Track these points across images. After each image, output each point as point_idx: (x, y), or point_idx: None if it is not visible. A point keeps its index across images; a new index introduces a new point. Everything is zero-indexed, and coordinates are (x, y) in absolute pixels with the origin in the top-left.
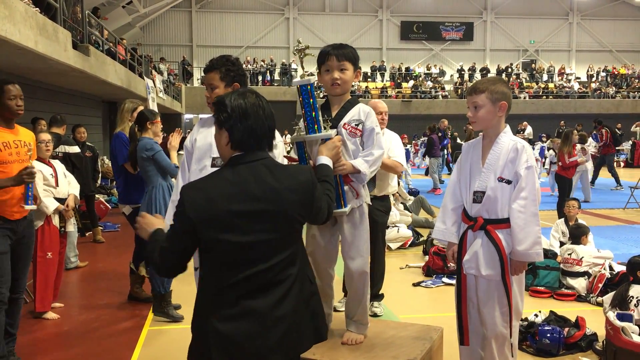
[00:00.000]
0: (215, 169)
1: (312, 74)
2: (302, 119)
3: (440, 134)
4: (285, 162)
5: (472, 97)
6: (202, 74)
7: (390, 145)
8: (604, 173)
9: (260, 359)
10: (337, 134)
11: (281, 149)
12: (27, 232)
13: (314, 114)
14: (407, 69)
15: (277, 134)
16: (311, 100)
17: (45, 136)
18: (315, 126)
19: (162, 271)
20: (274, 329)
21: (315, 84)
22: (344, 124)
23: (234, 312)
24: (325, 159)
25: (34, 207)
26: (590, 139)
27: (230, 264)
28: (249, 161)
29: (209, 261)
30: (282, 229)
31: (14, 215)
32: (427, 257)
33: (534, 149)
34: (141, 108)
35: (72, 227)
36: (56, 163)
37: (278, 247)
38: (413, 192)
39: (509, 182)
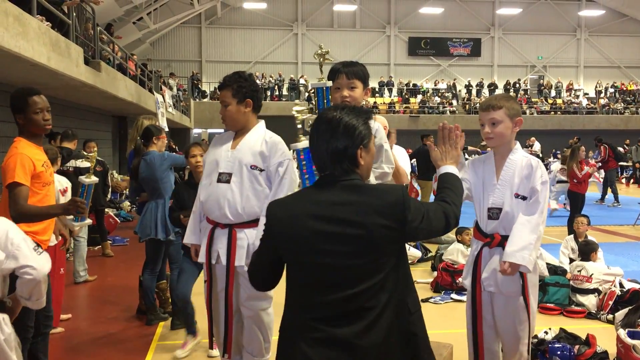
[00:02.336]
0: (221, 184)
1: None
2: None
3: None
4: (296, 175)
5: (489, 114)
6: (211, 89)
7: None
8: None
9: None
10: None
11: (293, 166)
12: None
13: None
14: (415, 85)
15: (286, 148)
16: (325, 101)
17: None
18: None
19: (253, 283)
20: (362, 359)
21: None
22: None
23: (321, 336)
24: (447, 168)
25: (87, 221)
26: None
27: (312, 286)
28: (335, 181)
29: (292, 281)
30: (368, 253)
31: (45, 244)
32: (435, 273)
33: (549, 166)
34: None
35: (72, 242)
36: (60, 178)
37: (364, 272)
38: None
39: (524, 198)
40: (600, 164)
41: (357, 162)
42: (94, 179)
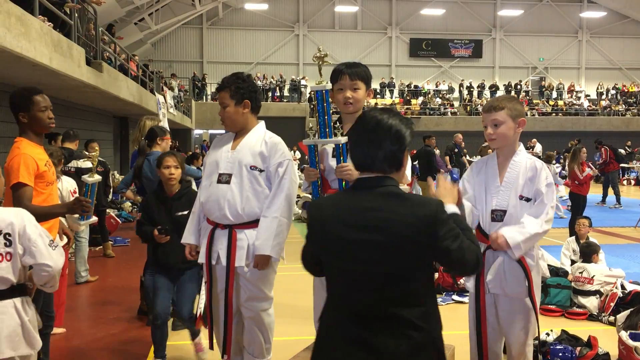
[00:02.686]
0: (221, 185)
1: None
2: (316, 124)
3: (456, 150)
4: (295, 178)
5: (492, 115)
6: (213, 90)
7: None
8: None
9: None
10: (347, 141)
11: (293, 166)
12: None
13: (326, 117)
14: (416, 87)
15: (286, 149)
16: (325, 104)
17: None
18: (327, 130)
19: (307, 269)
20: None
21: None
22: None
23: (351, 337)
24: (450, 207)
25: (93, 219)
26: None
27: (342, 287)
28: (373, 185)
29: (327, 279)
30: (392, 261)
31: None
32: (436, 274)
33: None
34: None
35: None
36: (70, 179)
37: (389, 279)
38: None
39: (528, 199)
40: (600, 166)
41: (402, 165)
42: (97, 177)
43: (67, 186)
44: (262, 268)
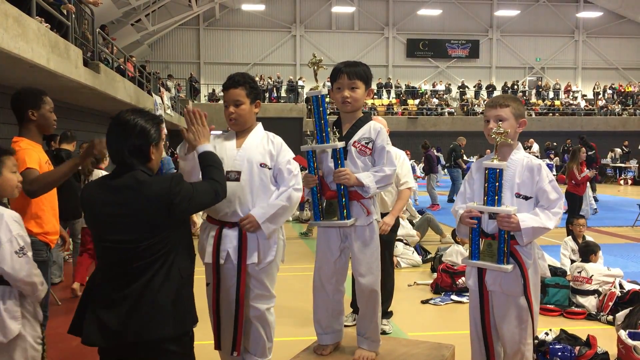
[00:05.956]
0: (230, 182)
1: (323, 86)
2: (313, 129)
3: (462, 151)
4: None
5: (496, 110)
6: (209, 91)
7: (397, 163)
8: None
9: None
10: (344, 146)
11: (294, 166)
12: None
13: (322, 122)
14: (413, 87)
15: (287, 148)
16: (320, 109)
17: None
18: (324, 135)
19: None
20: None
21: (327, 99)
22: (354, 141)
23: (107, 295)
24: (204, 147)
25: None
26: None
27: (99, 253)
28: (120, 172)
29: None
30: (137, 231)
31: (54, 241)
32: (435, 275)
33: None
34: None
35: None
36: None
37: (138, 247)
38: (420, 212)
39: (526, 198)
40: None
41: (150, 158)
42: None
43: None
44: (249, 227)
